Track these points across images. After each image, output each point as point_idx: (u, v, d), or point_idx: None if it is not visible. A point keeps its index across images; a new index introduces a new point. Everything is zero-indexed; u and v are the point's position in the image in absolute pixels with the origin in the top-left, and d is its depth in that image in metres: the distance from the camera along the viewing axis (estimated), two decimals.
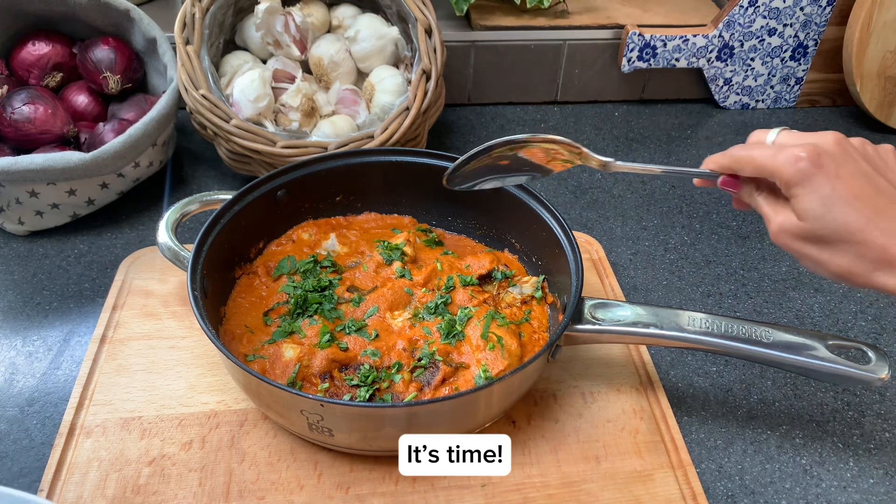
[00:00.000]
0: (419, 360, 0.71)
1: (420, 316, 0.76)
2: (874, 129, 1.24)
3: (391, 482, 0.67)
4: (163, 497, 0.65)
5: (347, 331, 0.74)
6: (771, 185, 0.59)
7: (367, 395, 0.68)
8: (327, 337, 0.72)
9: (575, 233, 0.80)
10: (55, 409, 0.73)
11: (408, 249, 0.82)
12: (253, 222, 0.81)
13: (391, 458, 0.68)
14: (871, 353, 0.66)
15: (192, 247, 0.73)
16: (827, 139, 0.56)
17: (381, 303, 0.77)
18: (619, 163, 0.68)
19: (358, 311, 0.76)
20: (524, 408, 0.75)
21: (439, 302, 0.77)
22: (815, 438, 0.75)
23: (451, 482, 0.68)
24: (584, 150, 0.68)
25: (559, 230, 0.78)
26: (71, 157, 0.86)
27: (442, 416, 0.64)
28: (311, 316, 0.75)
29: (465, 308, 0.77)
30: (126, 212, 0.98)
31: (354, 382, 0.69)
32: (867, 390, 0.80)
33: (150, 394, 0.74)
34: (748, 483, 0.71)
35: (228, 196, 0.79)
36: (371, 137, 0.93)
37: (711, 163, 0.63)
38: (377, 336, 0.73)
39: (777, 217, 0.57)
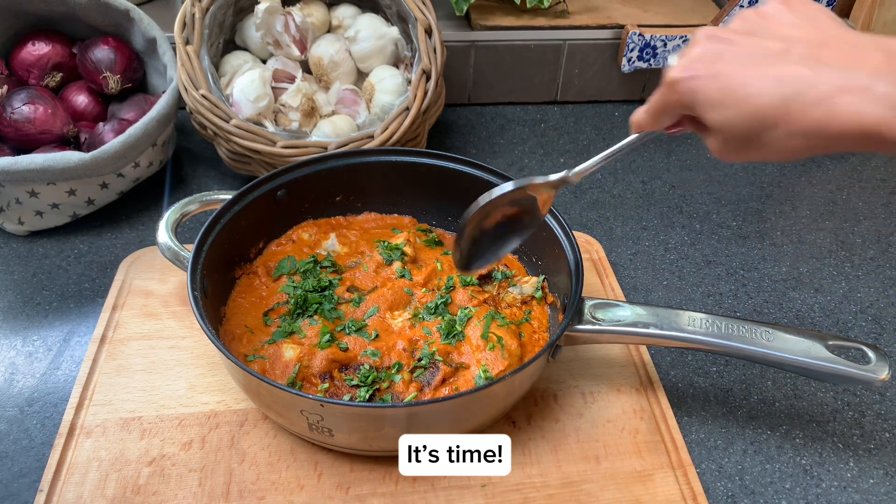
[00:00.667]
0: (419, 360, 0.71)
1: (420, 316, 0.76)
2: None
3: (391, 482, 0.67)
4: (163, 497, 0.65)
5: (347, 331, 0.74)
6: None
7: (367, 396, 0.68)
8: (327, 337, 0.72)
9: (575, 233, 0.80)
10: (55, 409, 0.73)
11: (408, 249, 0.82)
12: (253, 222, 0.81)
13: (391, 459, 0.68)
14: (871, 353, 0.66)
15: (192, 247, 0.73)
16: (696, 38, 0.50)
17: (380, 303, 0.77)
18: (574, 170, 0.62)
19: (358, 311, 0.76)
20: (524, 408, 0.75)
21: (439, 302, 0.77)
22: (816, 438, 0.75)
23: (451, 482, 0.68)
24: (536, 180, 0.63)
25: (559, 230, 0.78)
26: (71, 157, 0.86)
27: (442, 417, 0.64)
28: (311, 316, 0.75)
29: (465, 308, 0.77)
30: (126, 212, 0.98)
31: (354, 382, 0.69)
32: (867, 390, 0.80)
33: (150, 394, 0.74)
34: (748, 483, 0.71)
35: (228, 196, 0.79)
36: (371, 137, 0.93)
37: (637, 127, 0.58)
38: (377, 336, 0.73)
39: (708, 142, 0.52)
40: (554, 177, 0.63)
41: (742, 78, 0.47)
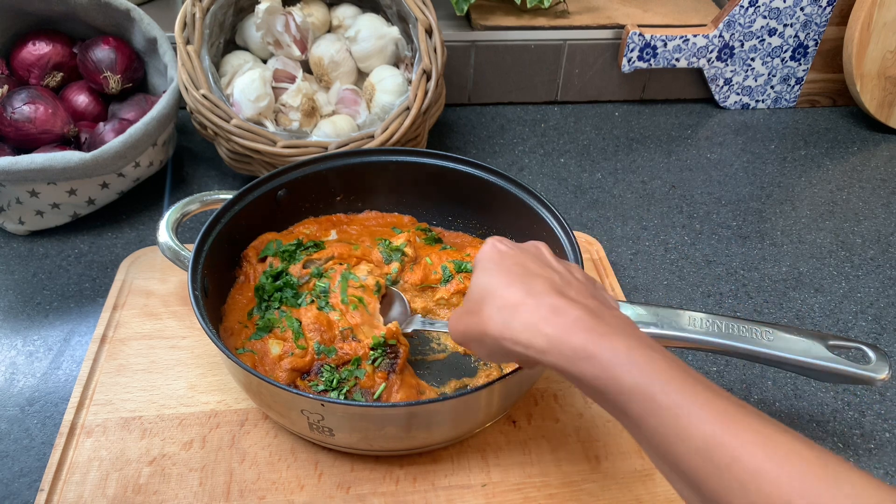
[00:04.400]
0: (372, 347, 0.71)
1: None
2: (874, 128, 1.24)
3: (392, 482, 0.67)
4: (163, 497, 0.65)
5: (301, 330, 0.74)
6: None
7: (341, 398, 0.68)
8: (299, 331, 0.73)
9: (575, 233, 0.80)
10: (55, 409, 0.73)
11: (408, 250, 0.82)
12: (253, 222, 0.81)
13: (392, 458, 0.69)
14: (871, 353, 0.66)
15: (192, 246, 0.73)
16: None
17: (339, 270, 0.78)
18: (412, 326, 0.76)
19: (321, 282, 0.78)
20: (525, 407, 0.75)
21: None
22: (816, 438, 0.75)
23: (451, 482, 0.68)
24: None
25: (559, 230, 0.78)
26: (71, 156, 0.86)
27: (443, 416, 0.64)
28: (278, 307, 0.75)
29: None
30: (126, 212, 0.98)
31: (321, 388, 0.69)
32: (867, 390, 0.80)
33: (151, 393, 0.74)
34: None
35: (229, 196, 0.79)
36: (371, 137, 0.93)
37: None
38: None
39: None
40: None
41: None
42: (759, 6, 1.16)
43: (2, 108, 0.93)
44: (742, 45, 1.20)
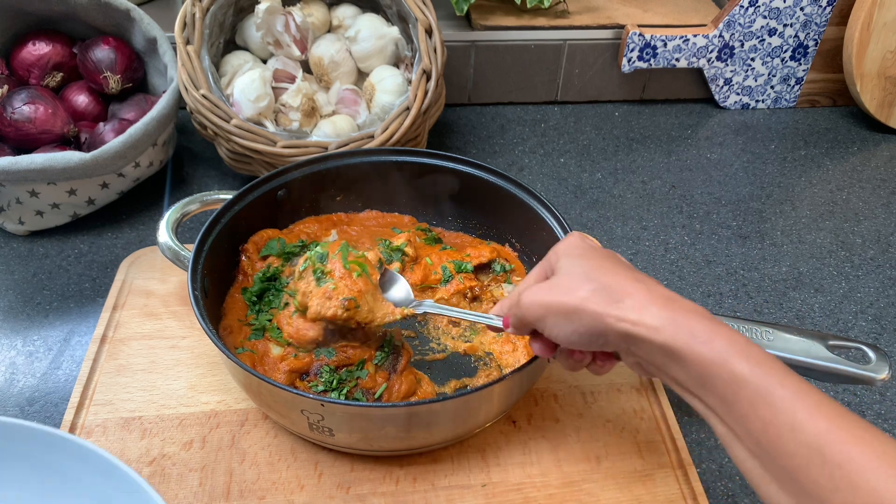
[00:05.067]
0: (381, 347, 0.71)
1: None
2: (874, 129, 1.24)
3: (391, 482, 0.67)
4: (163, 497, 0.65)
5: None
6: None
7: (342, 399, 0.68)
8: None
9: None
10: (55, 409, 0.73)
11: (408, 250, 0.82)
12: (253, 222, 0.81)
13: (392, 458, 0.69)
14: (871, 353, 0.66)
15: (192, 247, 0.73)
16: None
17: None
18: (424, 307, 0.70)
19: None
20: (525, 407, 0.75)
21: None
22: None
23: (451, 482, 0.68)
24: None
25: (559, 230, 0.78)
26: (71, 156, 0.86)
27: (443, 416, 0.64)
28: (267, 311, 0.76)
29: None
30: (126, 212, 0.98)
31: (321, 388, 0.69)
32: (867, 390, 0.80)
33: (151, 394, 0.74)
34: (749, 483, 0.71)
35: (229, 196, 0.79)
36: (371, 137, 0.93)
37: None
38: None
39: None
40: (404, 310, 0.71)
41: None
42: (759, 6, 1.16)
43: (2, 108, 0.93)
44: (742, 45, 1.20)
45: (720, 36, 1.18)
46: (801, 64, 1.24)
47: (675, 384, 0.52)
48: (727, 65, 1.22)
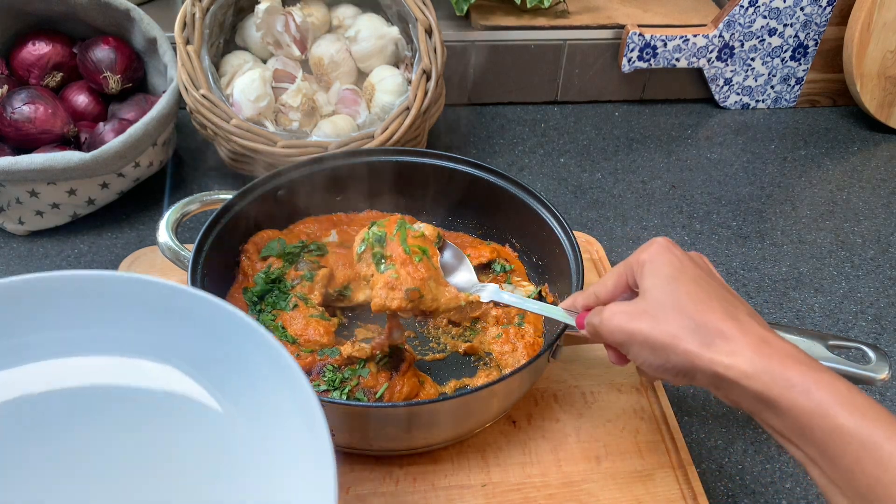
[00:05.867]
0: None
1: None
2: (874, 129, 1.24)
3: (391, 482, 0.67)
4: None
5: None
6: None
7: (343, 398, 0.67)
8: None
9: (575, 233, 0.80)
10: None
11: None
12: (253, 222, 0.81)
13: (392, 458, 0.68)
14: (871, 353, 0.66)
15: (192, 247, 0.73)
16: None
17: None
18: (488, 294, 0.68)
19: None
20: (525, 407, 0.75)
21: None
22: None
23: (451, 482, 0.68)
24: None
25: (559, 230, 0.78)
26: (71, 156, 0.86)
27: (443, 416, 0.64)
28: (269, 311, 0.75)
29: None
30: (126, 212, 0.98)
31: (323, 388, 0.69)
32: (867, 390, 0.80)
33: None
34: (748, 483, 0.71)
35: (229, 196, 0.79)
36: (371, 137, 0.93)
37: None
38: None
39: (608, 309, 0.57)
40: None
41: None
42: (759, 6, 1.16)
43: (2, 108, 0.92)
44: (742, 45, 1.20)
45: (720, 36, 1.18)
46: (801, 64, 1.24)
47: (769, 429, 0.49)
48: (727, 65, 1.22)
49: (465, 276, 0.70)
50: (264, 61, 1.03)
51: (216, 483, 0.48)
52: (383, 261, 0.67)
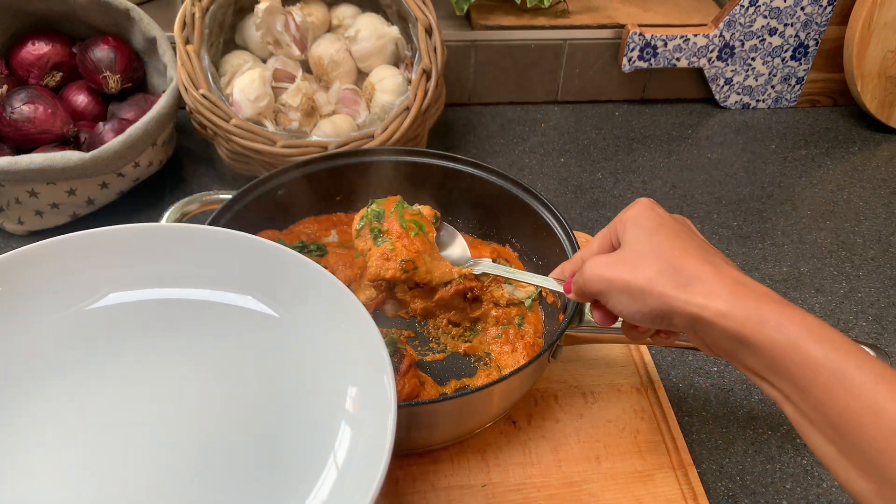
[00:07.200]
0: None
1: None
2: (875, 128, 1.24)
3: (391, 482, 0.67)
4: None
5: None
6: None
7: None
8: None
9: (575, 233, 0.80)
10: None
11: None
12: (253, 222, 0.81)
13: (392, 458, 0.68)
14: (871, 353, 0.66)
15: None
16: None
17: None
18: (481, 266, 0.72)
19: None
20: (525, 408, 0.75)
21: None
22: None
23: (451, 482, 0.67)
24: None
25: (559, 230, 0.78)
26: (71, 156, 0.86)
27: (443, 416, 0.64)
28: None
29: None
30: (126, 212, 0.98)
31: None
32: None
33: None
34: (749, 483, 0.71)
35: (228, 196, 0.79)
36: (371, 137, 0.93)
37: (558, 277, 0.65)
38: None
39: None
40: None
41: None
42: (759, 6, 1.16)
43: (1, 108, 0.92)
44: (742, 44, 1.20)
45: (721, 35, 1.18)
46: (801, 64, 1.23)
47: (744, 369, 0.50)
48: (728, 64, 1.22)
49: (459, 251, 0.73)
50: (264, 61, 1.03)
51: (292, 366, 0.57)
52: (380, 235, 0.70)
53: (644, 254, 0.53)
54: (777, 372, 0.47)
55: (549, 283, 0.64)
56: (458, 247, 0.73)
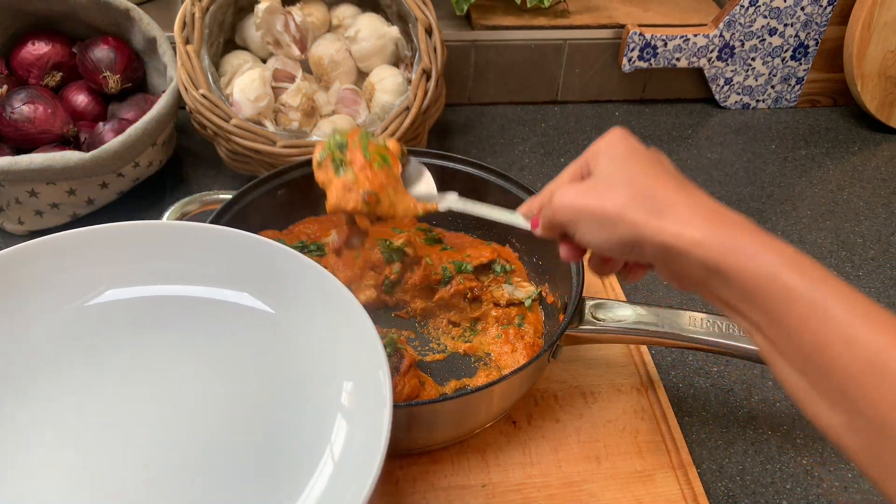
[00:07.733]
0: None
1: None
2: (875, 128, 1.24)
3: (391, 482, 0.67)
4: None
5: None
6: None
7: None
8: None
9: None
10: None
11: (409, 250, 0.82)
12: (253, 222, 0.81)
13: (391, 458, 0.68)
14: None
15: None
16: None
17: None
18: (447, 201, 0.69)
19: None
20: (525, 408, 0.75)
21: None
22: (817, 439, 0.75)
23: (451, 482, 0.67)
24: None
25: None
26: (71, 156, 0.86)
27: (443, 416, 0.64)
28: None
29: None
30: (126, 212, 0.98)
31: None
32: None
33: None
34: (749, 483, 0.71)
35: (228, 196, 0.79)
36: None
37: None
38: None
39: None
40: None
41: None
42: (759, 6, 1.16)
43: (1, 108, 0.92)
44: (742, 44, 1.20)
45: (720, 35, 1.18)
46: (801, 64, 1.23)
47: (715, 300, 0.48)
48: (727, 64, 1.22)
49: (425, 188, 0.70)
50: (264, 61, 1.03)
51: (286, 357, 0.59)
52: (342, 166, 0.67)
53: (616, 182, 0.51)
54: (751, 302, 0.45)
55: (517, 218, 0.62)
56: (425, 183, 0.69)
